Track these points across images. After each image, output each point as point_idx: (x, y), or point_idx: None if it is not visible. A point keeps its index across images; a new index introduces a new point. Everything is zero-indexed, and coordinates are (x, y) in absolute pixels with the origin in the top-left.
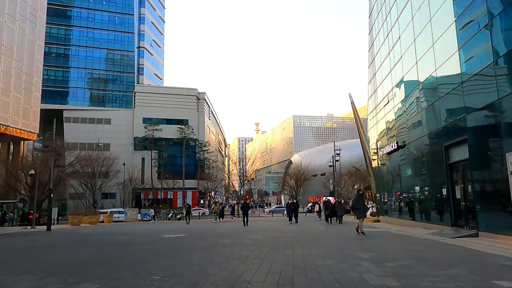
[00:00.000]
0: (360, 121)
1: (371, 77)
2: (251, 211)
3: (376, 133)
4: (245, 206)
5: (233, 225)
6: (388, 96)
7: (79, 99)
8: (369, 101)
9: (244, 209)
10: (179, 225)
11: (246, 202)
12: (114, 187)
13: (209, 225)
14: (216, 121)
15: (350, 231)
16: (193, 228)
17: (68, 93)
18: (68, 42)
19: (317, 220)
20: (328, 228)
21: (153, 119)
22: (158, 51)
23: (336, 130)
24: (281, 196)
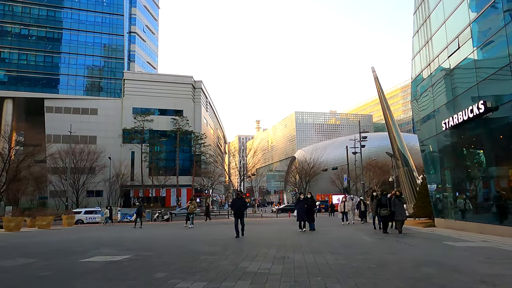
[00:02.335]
0: (386, 101)
1: (419, 24)
2: (252, 211)
3: (430, 103)
4: (238, 202)
5: (215, 232)
6: (459, 39)
7: (62, 87)
8: (415, 59)
9: (236, 208)
10: (150, 230)
11: (240, 196)
12: (101, 184)
13: (185, 231)
14: (215, 114)
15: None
16: (154, 236)
17: (50, 80)
18: (49, 24)
19: (341, 225)
20: (395, 245)
21: (144, 109)
22: (152, 37)
23: (339, 126)
24: (283, 194)
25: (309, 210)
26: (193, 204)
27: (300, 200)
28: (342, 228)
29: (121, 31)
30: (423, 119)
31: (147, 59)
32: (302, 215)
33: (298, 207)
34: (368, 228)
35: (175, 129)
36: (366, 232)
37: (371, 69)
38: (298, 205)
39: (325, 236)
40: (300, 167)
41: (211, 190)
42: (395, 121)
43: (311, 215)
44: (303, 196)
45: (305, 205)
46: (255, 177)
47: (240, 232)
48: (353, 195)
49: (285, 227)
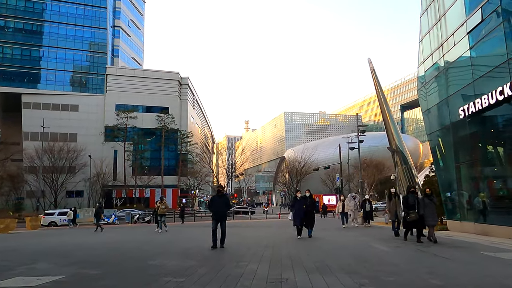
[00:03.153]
0: (384, 95)
1: (428, 2)
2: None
3: (443, 88)
4: (219, 201)
5: (193, 238)
6: (483, 9)
7: (41, 82)
8: (423, 41)
9: (216, 209)
10: (117, 235)
11: (221, 193)
12: (81, 184)
13: (157, 238)
14: (202, 112)
15: None
16: (115, 244)
17: (28, 75)
18: (28, 16)
19: (342, 228)
20: (423, 258)
21: (128, 106)
22: (137, 33)
23: (329, 127)
24: (272, 195)
25: (309, 212)
26: (164, 204)
27: (298, 200)
28: (344, 232)
29: (104, 25)
30: (432, 108)
31: (132, 55)
32: (300, 217)
33: (295, 208)
34: (374, 232)
35: (160, 127)
36: (375, 237)
37: (367, 60)
38: (295, 206)
39: (328, 244)
40: (291, 166)
41: (198, 191)
42: (393, 117)
43: (311, 219)
44: (300, 194)
45: (303, 205)
46: (243, 177)
47: (219, 241)
48: (354, 193)
49: (276, 230)
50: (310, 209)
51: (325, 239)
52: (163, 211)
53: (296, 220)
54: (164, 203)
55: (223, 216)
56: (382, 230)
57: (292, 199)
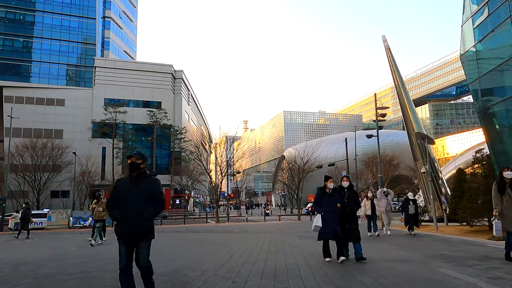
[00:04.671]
0: (401, 76)
1: None
2: (237, 214)
3: (507, 44)
4: (126, 187)
5: (108, 260)
6: None
7: (25, 74)
8: None
9: (128, 212)
10: (45, 245)
11: (137, 165)
12: (67, 183)
13: (89, 251)
14: (199, 109)
15: None
16: (21, 262)
17: (10, 67)
18: (10, 3)
19: (369, 236)
20: None
21: (118, 100)
22: (130, 25)
23: (328, 127)
24: (271, 196)
25: (349, 216)
26: (102, 206)
27: (328, 193)
28: (382, 246)
29: (93, 14)
30: (487, 74)
31: (124, 48)
32: (332, 225)
33: (325, 208)
34: (440, 247)
35: (152, 123)
36: (444, 258)
37: (381, 38)
38: (323, 204)
39: (386, 278)
40: (292, 163)
41: (193, 191)
42: (411, 101)
43: (353, 226)
44: (331, 183)
45: (338, 203)
46: (240, 176)
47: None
48: (386, 188)
49: (280, 239)
50: (351, 211)
51: (372, 265)
52: (100, 215)
53: (327, 229)
54: (102, 204)
55: (142, 228)
56: (448, 243)
57: (317, 192)
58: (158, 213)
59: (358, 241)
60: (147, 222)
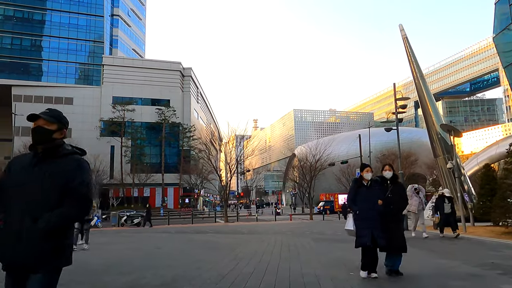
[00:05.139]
0: (418, 65)
1: None
2: (247, 213)
3: None
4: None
5: (125, 262)
6: None
7: (33, 72)
8: None
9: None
10: None
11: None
12: None
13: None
14: (208, 108)
15: None
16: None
17: (18, 66)
18: (19, 2)
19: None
20: None
21: (126, 98)
22: (138, 23)
23: (339, 125)
24: (281, 195)
25: (393, 215)
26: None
27: (365, 186)
28: (413, 252)
29: (101, 12)
30: None
31: (132, 46)
32: (369, 227)
33: (361, 205)
34: (465, 250)
35: (161, 121)
36: (497, 269)
37: (398, 27)
38: (358, 200)
39: None
40: (304, 160)
41: (202, 190)
42: (431, 93)
43: (397, 231)
44: (370, 173)
45: (377, 199)
46: (251, 175)
47: None
48: (417, 184)
49: (294, 242)
50: (396, 209)
51: (413, 281)
52: None
53: (363, 233)
54: None
55: (32, 251)
56: (488, 247)
57: (351, 185)
58: (71, 220)
59: (401, 252)
60: (44, 238)
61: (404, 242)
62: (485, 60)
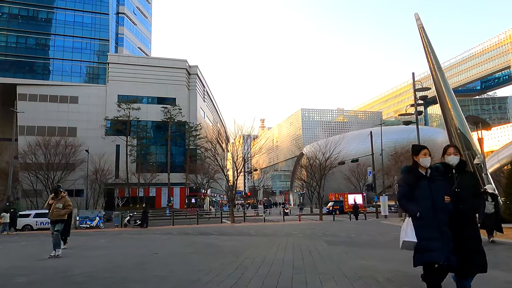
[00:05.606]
0: (435, 56)
1: None
2: (254, 213)
3: None
4: None
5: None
6: None
7: (37, 71)
8: None
9: None
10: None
11: None
12: (81, 182)
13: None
14: (215, 107)
15: None
16: None
17: (23, 64)
18: (22, 0)
19: None
20: None
21: (131, 96)
22: (144, 22)
23: (347, 124)
24: (289, 195)
25: (464, 218)
26: (61, 201)
27: (426, 177)
28: None
29: (106, 10)
30: None
31: (138, 45)
32: (446, 240)
33: (421, 200)
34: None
35: (167, 119)
36: None
37: (414, 16)
38: (415, 198)
39: None
40: (313, 158)
41: (209, 189)
42: (449, 87)
43: (473, 244)
44: (428, 157)
45: (443, 195)
46: (258, 174)
47: None
48: None
49: (307, 245)
50: (468, 210)
51: None
52: (59, 214)
53: (432, 246)
54: (62, 199)
55: None
56: None
57: (403, 177)
58: None
59: (481, 272)
60: None
61: (484, 257)
62: (497, 58)
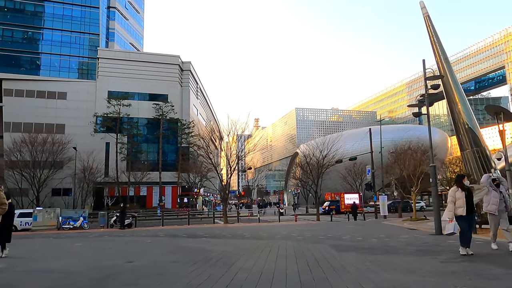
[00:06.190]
0: (444, 51)
1: None
2: (248, 213)
3: None
4: None
5: None
6: None
7: (24, 66)
8: None
9: None
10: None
11: None
12: (69, 180)
13: None
14: (208, 104)
15: None
16: None
17: (9, 59)
18: None
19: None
20: None
21: (122, 93)
22: (136, 17)
23: (342, 124)
24: (283, 194)
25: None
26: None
27: None
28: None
29: (96, 3)
30: None
31: (130, 40)
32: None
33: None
34: None
35: (158, 116)
36: None
37: (419, 5)
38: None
39: None
40: (310, 156)
41: (202, 189)
42: (457, 79)
43: None
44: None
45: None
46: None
47: None
48: (494, 173)
49: (311, 251)
50: None
51: None
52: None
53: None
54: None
55: None
56: None
57: None
58: None
59: None
60: None
61: None
62: (491, 58)
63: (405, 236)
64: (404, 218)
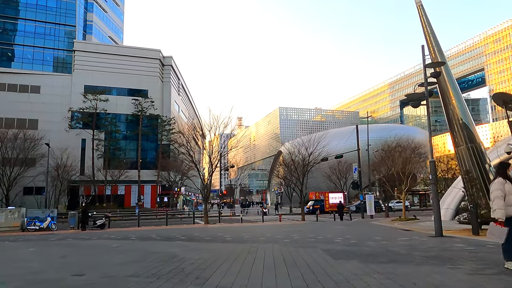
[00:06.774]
0: (438, 43)
1: None
2: (230, 213)
3: None
4: None
5: None
6: None
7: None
8: None
9: None
10: None
11: None
12: (42, 178)
13: None
14: (190, 102)
15: None
16: None
17: None
18: None
19: None
20: None
21: (100, 87)
22: (116, 9)
23: (325, 123)
24: (266, 194)
25: None
26: None
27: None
28: None
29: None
30: None
31: (109, 34)
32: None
33: None
34: None
35: (137, 112)
36: None
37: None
38: None
39: None
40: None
41: (183, 188)
42: (450, 71)
43: None
44: None
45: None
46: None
47: None
48: None
49: (304, 258)
50: None
51: None
52: None
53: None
54: None
55: None
56: None
57: None
58: None
59: None
60: None
61: None
62: (470, 60)
63: (403, 239)
64: (393, 218)
